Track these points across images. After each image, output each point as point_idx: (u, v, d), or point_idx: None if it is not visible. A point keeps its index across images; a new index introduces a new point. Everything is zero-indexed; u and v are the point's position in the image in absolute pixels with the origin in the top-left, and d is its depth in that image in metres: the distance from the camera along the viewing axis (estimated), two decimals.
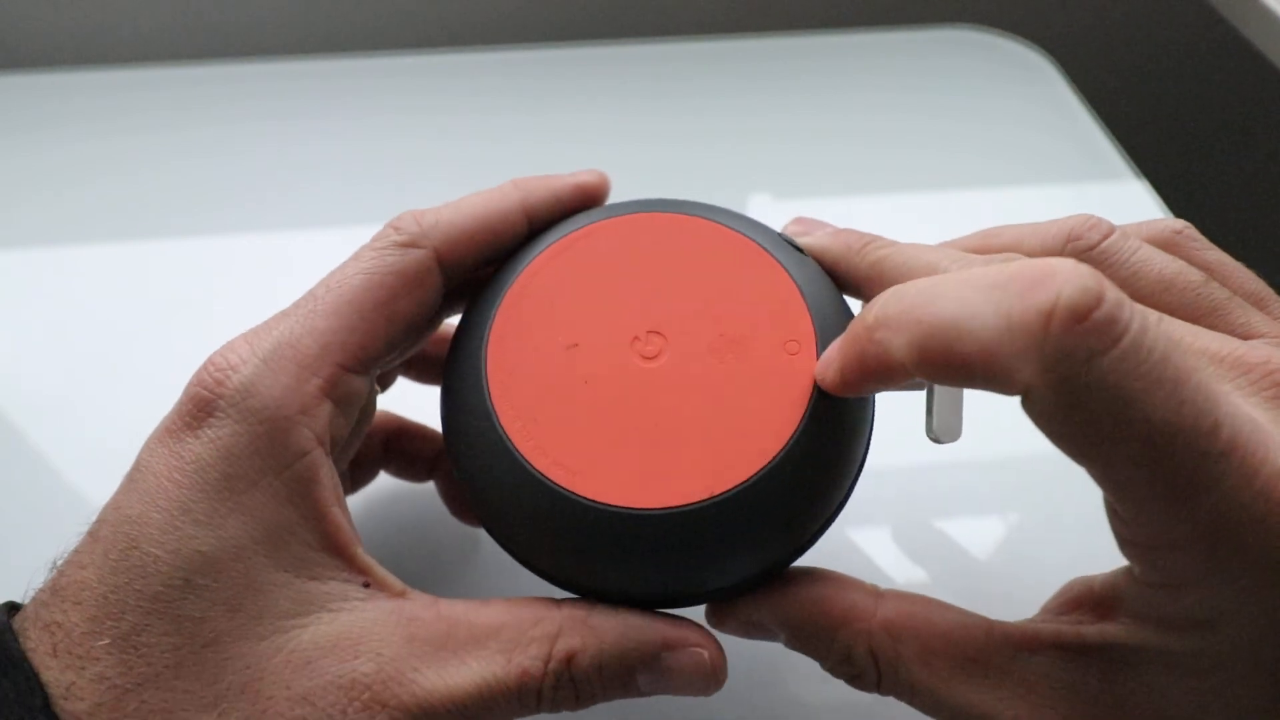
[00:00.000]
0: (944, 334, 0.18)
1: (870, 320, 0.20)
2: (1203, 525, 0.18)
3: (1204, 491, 0.18)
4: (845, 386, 0.22)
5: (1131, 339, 0.17)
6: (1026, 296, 0.17)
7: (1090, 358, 0.17)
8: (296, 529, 0.22)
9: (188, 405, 0.22)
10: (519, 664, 0.21)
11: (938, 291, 0.19)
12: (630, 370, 0.23)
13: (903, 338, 0.19)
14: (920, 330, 0.19)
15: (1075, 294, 0.17)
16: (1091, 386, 0.17)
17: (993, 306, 0.18)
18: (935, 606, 0.22)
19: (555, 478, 0.22)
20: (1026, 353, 0.17)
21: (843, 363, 0.21)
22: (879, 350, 0.20)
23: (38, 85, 0.55)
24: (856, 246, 0.25)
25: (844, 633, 0.22)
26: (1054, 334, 0.17)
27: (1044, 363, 0.17)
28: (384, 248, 0.24)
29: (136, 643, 0.20)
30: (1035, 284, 0.17)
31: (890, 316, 0.20)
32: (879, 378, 0.21)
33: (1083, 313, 0.17)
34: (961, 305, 0.18)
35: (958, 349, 0.18)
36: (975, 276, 0.18)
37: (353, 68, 0.57)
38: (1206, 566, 0.18)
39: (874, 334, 0.20)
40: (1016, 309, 0.17)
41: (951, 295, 0.18)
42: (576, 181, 0.26)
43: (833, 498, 0.23)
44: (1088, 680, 0.21)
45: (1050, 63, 0.58)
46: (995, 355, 0.18)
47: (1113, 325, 0.17)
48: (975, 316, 0.18)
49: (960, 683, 0.21)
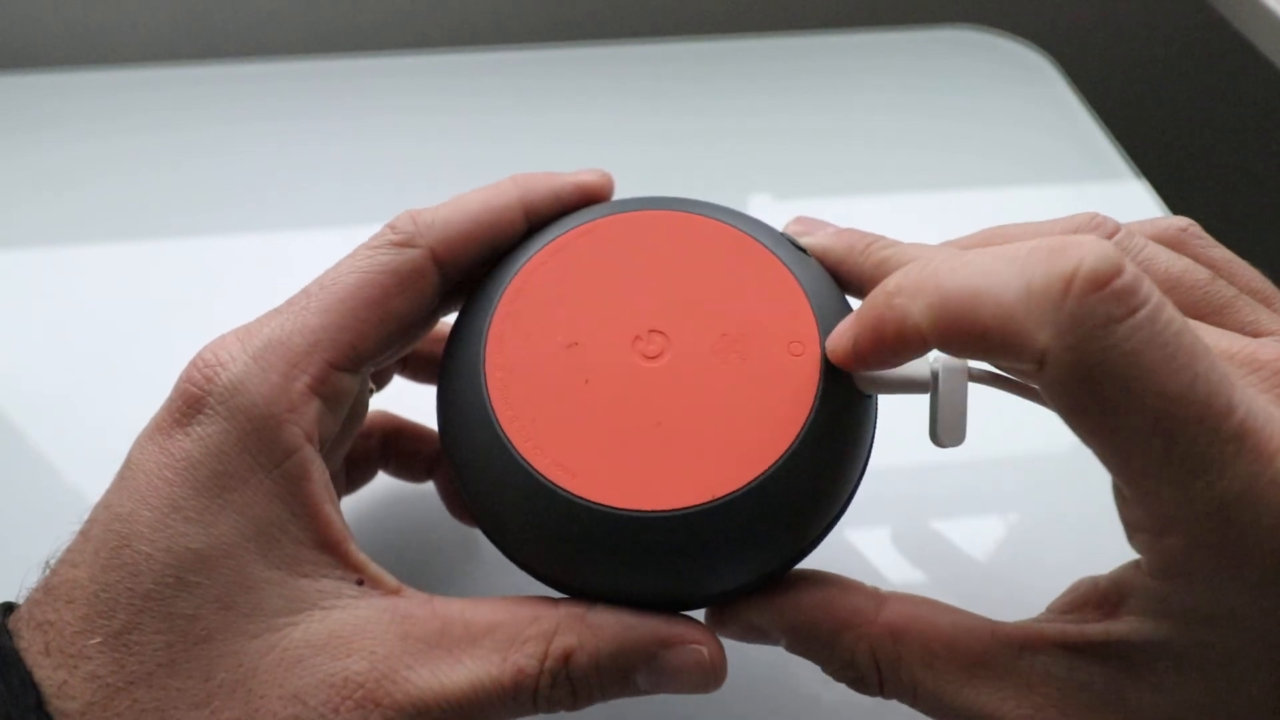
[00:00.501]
0: (964, 299, 0.19)
1: (890, 287, 0.20)
2: (1211, 507, 0.18)
3: (1214, 472, 0.18)
4: (858, 358, 0.22)
5: (1149, 310, 0.17)
6: (1048, 262, 0.18)
7: (1108, 324, 0.17)
8: (288, 526, 0.21)
9: (177, 402, 0.22)
10: (515, 663, 0.21)
11: (961, 261, 0.19)
12: (632, 370, 0.23)
13: (921, 302, 0.19)
14: (940, 296, 0.19)
15: (1096, 262, 0.17)
16: (1107, 353, 0.17)
17: (1014, 272, 0.18)
18: (937, 608, 0.22)
19: (554, 478, 0.22)
20: (1045, 317, 0.18)
21: (858, 331, 0.21)
22: (897, 316, 0.20)
23: (38, 85, 0.55)
24: (860, 247, 0.25)
25: (846, 636, 0.22)
26: (1073, 298, 0.17)
27: (1061, 326, 0.17)
28: (379, 246, 0.24)
29: (128, 641, 0.20)
30: (1057, 252, 0.18)
31: (911, 283, 0.20)
32: (894, 348, 0.21)
33: (1103, 280, 0.17)
34: (983, 273, 0.19)
35: (977, 314, 0.18)
36: (998, 250, 0.19)
37: (353, 68, 0.57)
38: (1213, 554, 0.18)
39: (893, 300, 0.20)
40: (1038, 274, 0.18)
41: (974, 265, 0.19)
42: (578, 181, 0.26)
43: (835, 501, 0.23)
44: (1092, 679, 0.21)
45: (1050, 63, 0.58)
46: (1014, 320, 0.18)
47: (1132, 295, 0.17)
48: (996, 283, 0.18)
49: (963, 684, 0.21)
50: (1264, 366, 0.20)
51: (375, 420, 0.31)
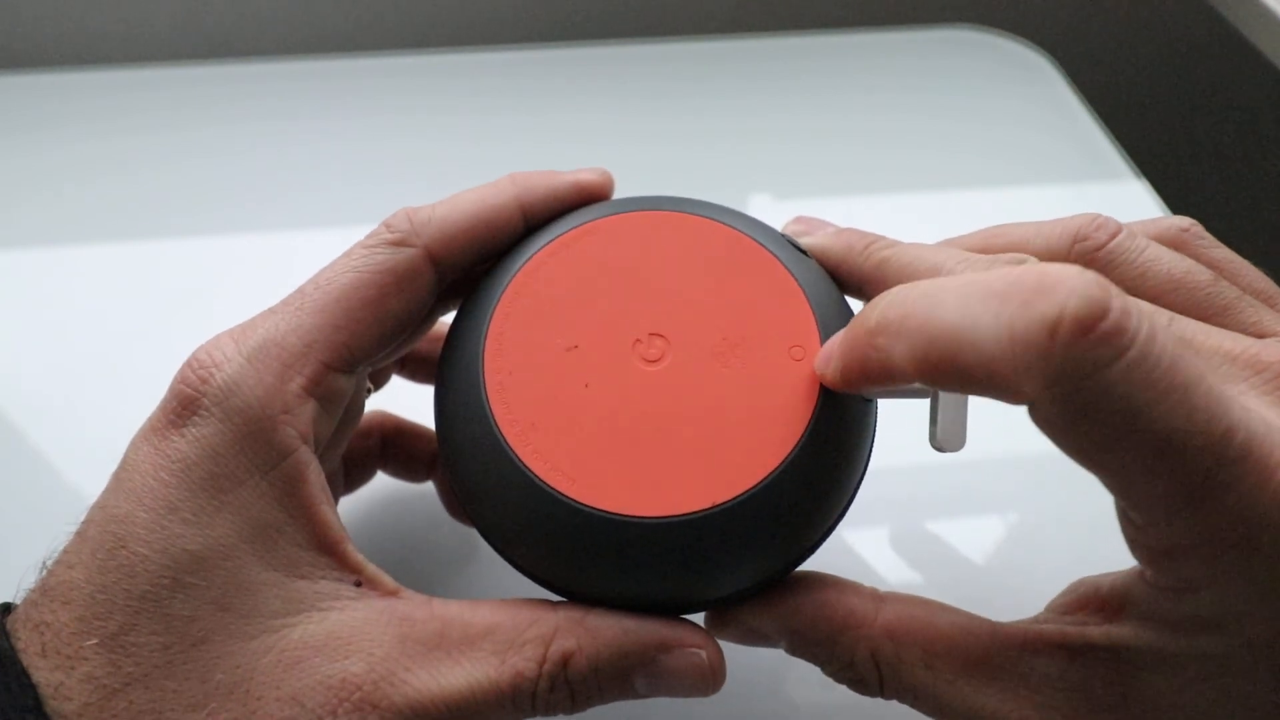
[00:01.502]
0: (946, 345, 0.18)
1: (871, 325, 0.20)
2: (1217, 529, 0.18)
3: (1217, 496, 0.17)
4: (845, 386, 0.22)
5: (1139, 348, 0.17)
6: (1030, 307, 0.17)
7: (1096, 370, 0.17)
8: (285, 528, 0.21)
9: (172, 403, 0.22)
10: (513, 665, 0.21)
11: (939, 299, 0.18)
12: (632, 374, 0.23)
13: (903, 345, 0.19)
14: (921, 339, 0.18)
15: (1080, 305, 0.16)
16: (1099, 398, 0.17)
17: (994, 317, 0.17)
18: (937, 609, 0.22)
19: (554, 483, 0.22)
20: (1031, 366, 0.17)
21: (844, 365, 0.21)
22: (880, 357, 0.20)
23: (38, 85, 0.55)
24: (859, 247, 0.24)
25: (845, 638, 0.22)
26: (1059, 347, 0.17)
27: (1049, 377, 0.17)
28: (375, 245, 0.24)
29: (125, 642, 0.20)
30: (1039, 294, 0.17)
31: (891, 322, 0.19)
32: (880, 382, 0.20)
33: (1088, 324, 0.16)
34: (963, 315, 0.18)
35: (960, 361, 0.18)
36: (977, 283, 0.18)
37: (353, 68, 0.57)
38: (1220, 569, 0.18)
39: (875, 340, 0.20)
40: (1020, 321, 0.17)
41: (952, 304, 0.18)
42: (577, 180, 0.26)
43: (836, 506, 0.23)
44: (1092, 682, 0.21)
45: (1050, 63, 0.58)
46: (999, 368, 0.17)
47: (1120, 335, 0.16)
48: (977, 327, 0.17)
49: (963, 685, 0.21)
50: (1267, 368, 0.20)
51: (374, 420, 0.31)
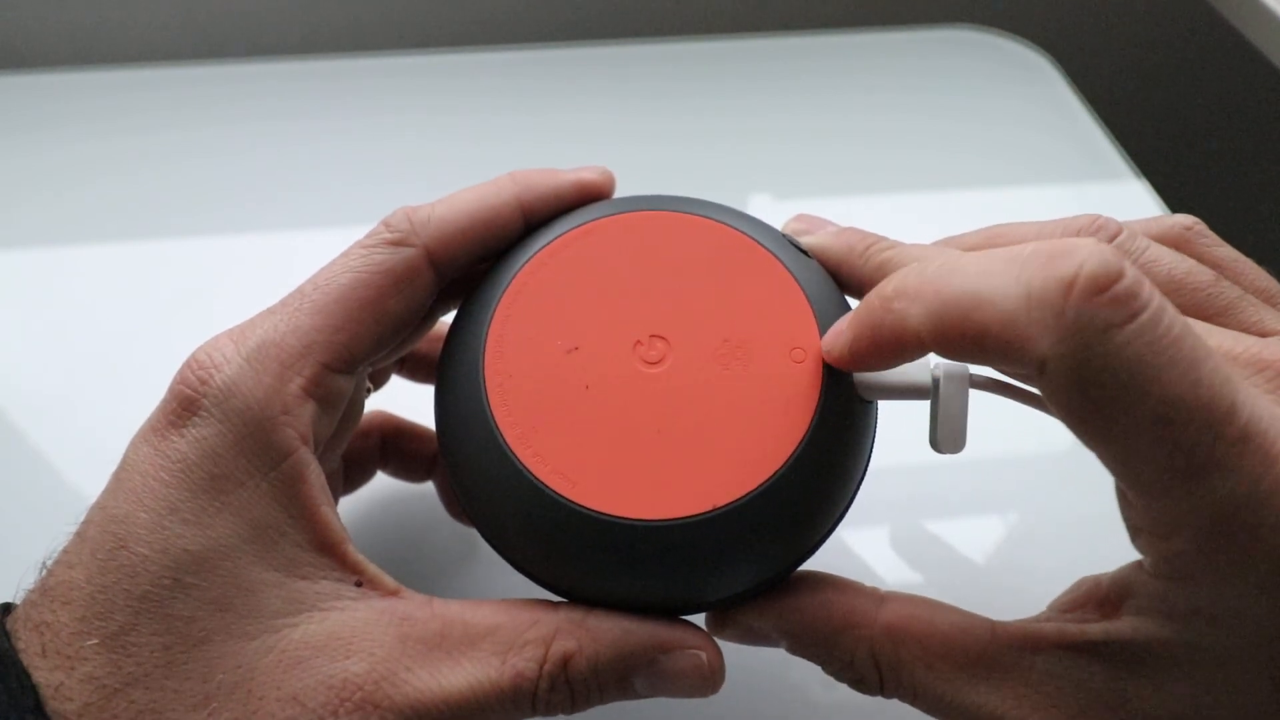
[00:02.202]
0: (963, 304, 0.18)
1: (889, 291, 0.20)
2: (1214, 509, 0.18)
3: (1216, 474, 0.18)
4: (854, 358, 0.22)
5: (1150, 314, 0.17)
6: (1048, 267, 0.18)
7: (1108, 329, 0.17)
8: (285, 529, 0.21)
9: (171, 403, 0.22)
10: (513, 666, 0.21)
11: (959, 265, 0.19)
12: (633, 376, 0.23)
13: (920, 307, 0.19)
14: (939, 300, 0.19)
15: (1096, 267, 0.17)
16: (1108, 358, 0.17)
17: (1013, 277, 0.18)
18: (937, 608, 0.22)
19: (555, 486, 0.22)
20: (1045, 322, 0.17)
21: (855, 333, 0.21)
22: (895, 320, 0.20)
23: (38, 85, 0.55)
24: (860, 248, 0.24)
25: (845, 638, 0.22)
26: (1073, 304, 0.17)
27: (1062, 332, 0.17)
28: (374, 245, 0.23)
29: (125, 642, 0.20)
30: (1057, 256, 0.18)
31: (909, 286, 0.20)
32: (892, 351, 0.21)
33: (1103, 284, 0.17)
34: (982, 277, 0.18)
35: (976, 318, 0.18)
36: (997, 253, 0.19)
37: (353, 68, 0.57)
38: (1217, 556, 0.18)
39: (891, 304, 0.20)
40: (1037, 279, 0.18)
41: (972, 269, 0.19)
42: (578, 179, 0.26)
43: (836, 508, 0.23)
44: (1093, 678, 0.21)
45: (1050, 63, 0.58)
46: (1013, 325, 0.18)
47: (1132, 299, 0.17)
48: (996, 287, 0.18)
49: (964, 684, 0.21)
50: (1268, 367, 0.20)
51: (374, 420, 0.31)
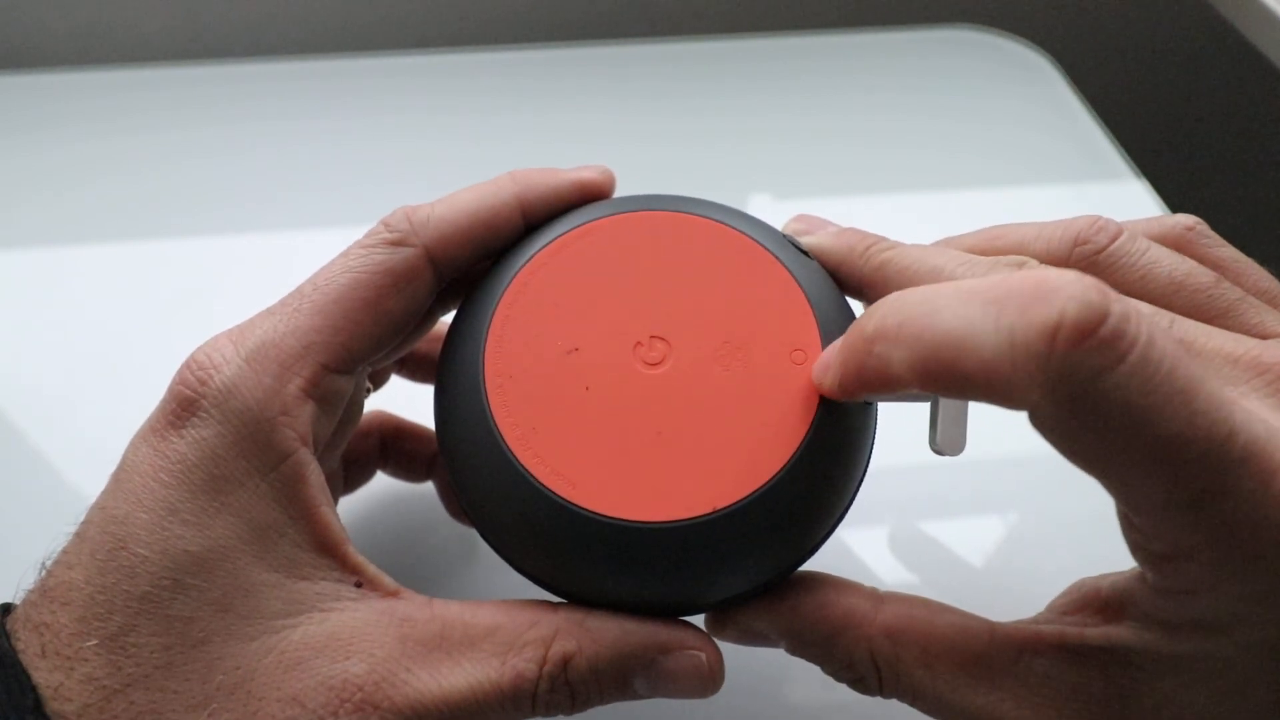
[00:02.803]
0: (945, 351, 0.18)
1: (869, 332, 0.20)
2: (1218, 533, 0.18)
3: (1219, 501, 0.17)
4: (844, 394, 0.21)
5: (1139, 353, 0.17)
6: (1029, 313, 0.17)
7: (1096, 375, 0.17)
8: (285, 530, 0.21)
9: (171, 404, 0.22)
10: (513, 666, 0.21)
11: (936, 305, 0.18)
12: (633, 377, 0.23)
13: (902, 353, 0.19)
14: (920, 346, 0.18)
15: (1079, 311, 0.16)
16: (1099, 403, 0.17)
17: (993, 323, 0.17)
18: (936, 609, 0.22)
19: (555, 488, 0.22)
20: (1031, 373, 0.17)
21: (842, 373, 0.21)
22: (878, 364, 0.19)
23: (38, 85, 0.55)
24: (860, 249, 0.24)
25: (844, 639, 0.22)
26: (1059, 353, 0.16)
27: (1049, 383, 0.17)
28: (373, 245, 0.23)
29: (125, 643, 0.20)
30: (1038, 299, 0.17)
31: (889, 329, 0.19)
32: (879, 389, 0.20)
33: (1087, 329, 0.16)
34: (962, 321, 0.18)
35: (960, 368, 0.18)
36: (976, 289, 0.18)
37: (353, 68, 0.57)
38: (1222, 573, 0.18)
39: (873, 347, 0.19)
40: (1019, 326, 0.17)
41: (951, 310, 0.18)
42: (578, 178, 0.26)
43: (836, 510, 0.23)
44: (1091, 682, 0.21)
45: (1050, 63, 0.58)
46: (998, 373, 0.17)
47: (1119, 340, 0.16)
48: (976, 334, 0.17)
49: (962, 685, 0.21)
50: (1268, 370, 0.20)
51: (374, 420, 0.31)
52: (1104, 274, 0.22)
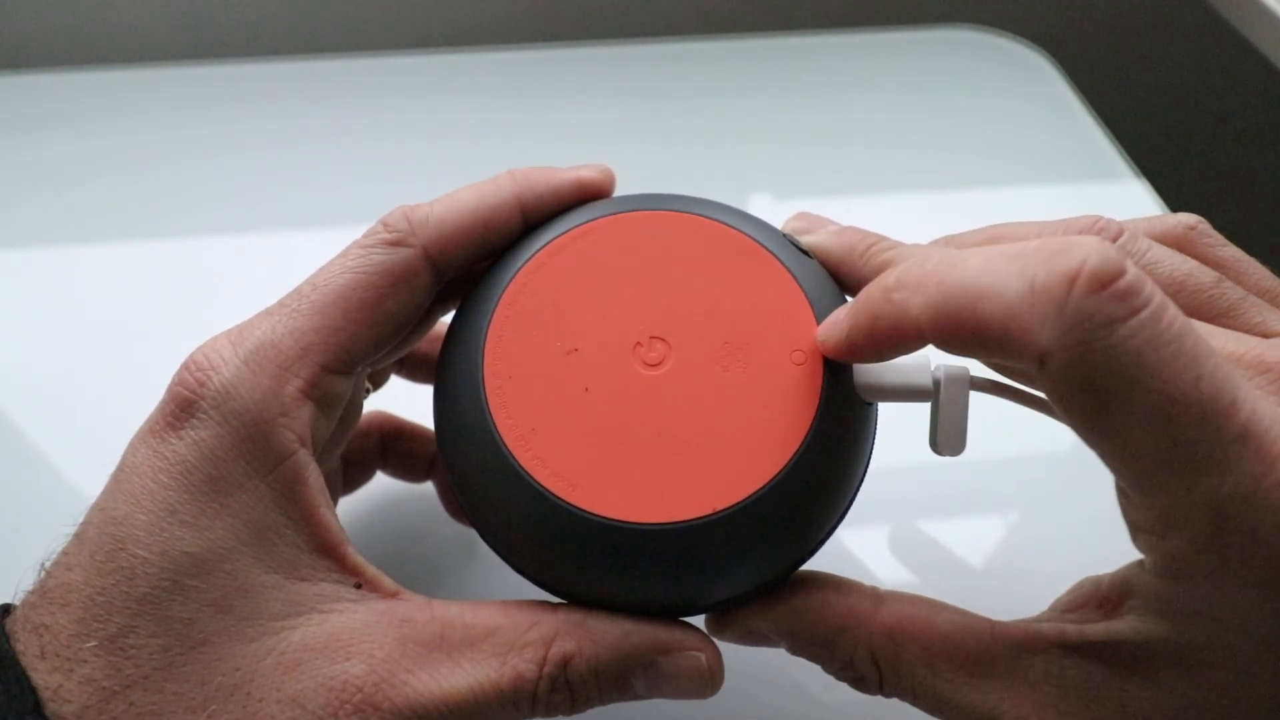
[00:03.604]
0: (965, 296, 0.19)
1: (890, 282, 0.20)
2: (1213, 507, 0.18)
3: (1217, 473, 0.18)
4: (850, 349, 0.22)
5: (1152, 310, 0.17)
6: (1051, 262, 0.18)
7: (1111, 323, 0.17)
8: (285, 531, 0.21)
9: (170, 405, 0.22)
10: (513, 667, 0.21)
11: (962, 259, 0.19)
12: (632, 378, 0.23)
13: (921, 298, 0.19)
14: (941, 292, 0.19)
15: (1099, 263, 0.17)
16: (1110, 352, 0.17)
17: (1016, 271, 0.18)
18: (936, 608, 0.22)
19: (554, 489, 0.22)
20: (1047, 315, 0.18)
21: (853, 322, 0.21)
22: (895, 310, 0.20)
23: (38, 85, 0.55)
24: (860, 249, 0.24)
25: (844, 639, 0.22)
26: (1076, 297, 0.17)
27: (1064, 324, 0.17)
28: (372, 245, 0.23)
29: (124, 645, 0.20)
30: (1060, 252, 0.18)
31: (911, 278, 0.20)
32: (890, 342, 0.21)
33: (1106, 280, 0.17)
34: (985, 271, 0.19)
35: (978, 311, 0.18)
36: (1000, 249, 0.19)
37: (353, 68, 0.57)
38: (1216, 555, 0.18)
39: (892, 294, 0.20)
40: (1041, 273, 0.18)
41: (975, 263, 0.19)
42: (578, 177, 0.26)
43: (835, 511, 0.23)
44: (1092, 678, 0.21)
45: (1050, 63, 0.58)
46: (1015, 318, 0.18)
47: (1134, 294, 0.17)
48: (998, 281, 0.18)
49: (963, 684, 0.21)
50: (1271, 369, 0.20)
51: (374, 420, 0.31)
52: None
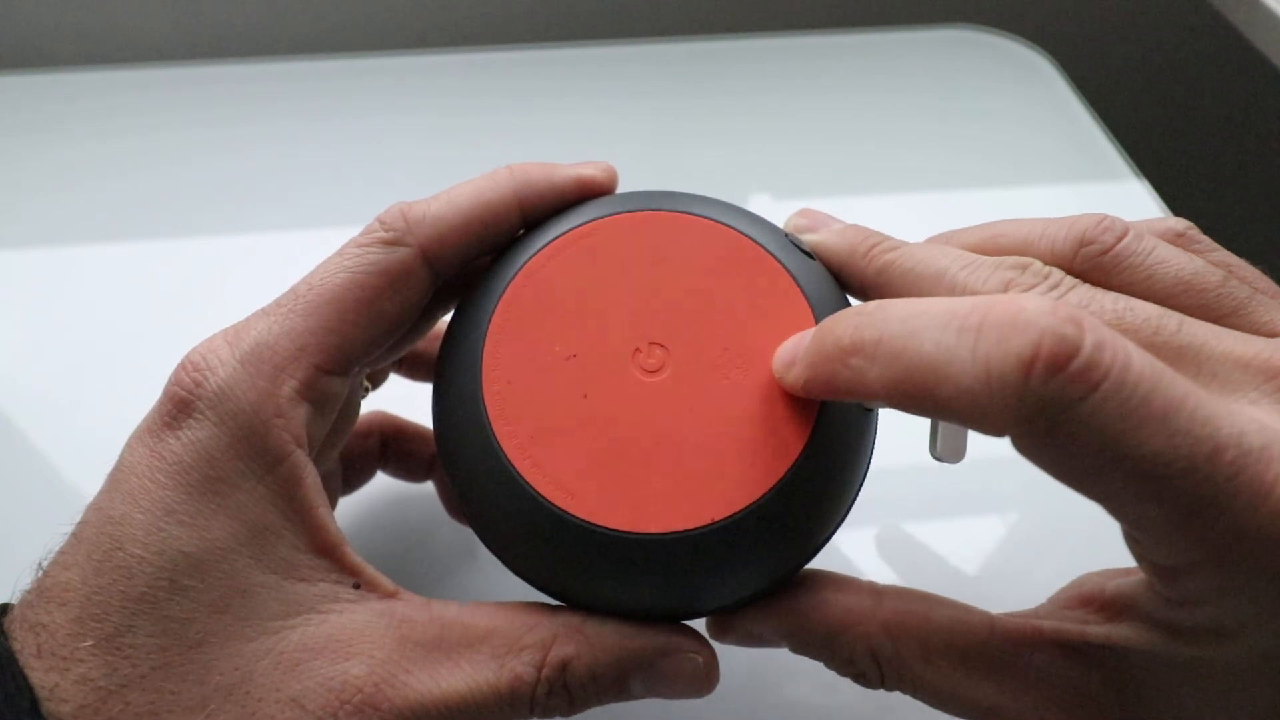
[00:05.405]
0: (922, 376, 0.18)
1: (846, 343, 0.20)
2: (1217, 548, 0.18)
3: (1213, 515, 0.17)
4: (806, 394, 0.21)
5: (1112, 382, 0.17)
6: (1005, 343, 0.17)
7: (1071, 405, 0.17)
8: (283, 531, 0.21)
9: (167, 405, 0.22)
10: (511, 669, 0.21)
11: (917, 326, 0.18)
12: (631, 385, 0.22)
13: (878, 370, 0.19)
14: (898, 367, 0.18)
15: (1054, 343, 0.17)
16: (1076, 431, 0.17)
17: (969, 352, 0.17)
18: (935, 603, 0.22)
19: (552, 498, 0.22)
20: (1006, 404, 0.17)
21: (810, 375, 0.21)
22: (853, 377, 0.19)
23: (38, 85, 0.55)
24: (862, 250, 0.24)
25: (844, 638, 0.22)
26: (1033, 385, 0.17)
27: (1025, 413, 0.17)
28: (368, 244, 0.23)
29: (121, 644, 0.20)
30: (1015, 330, 0.17)
31: (866, 344, 0.19)
32: (846, 398, 0.20)
33: (1061, 362, 0.17)
34: (940, 348, 0.18)
35: (937, 393, 0.18)
36: (956, 311, 0.18)
37: (353, 68, 0.57)
38: (1224, 585, 0.18)
39: (848, 359, 0.20)
40: (995, 357, 0.17)
41: (930, 334, 0.18)
42: (578, 174, 0.25)
43: (835, 518, 0.23)
44: (1090, 679, 0.21)
45: (1050, 63, 0.58)
46: (975, 403, 0.17)
47: (1092, 371, 0.17)
48: (953, 361, 0.18)
49: (962, 679, 0.21)
50: (1279, 374, 0.20)
51: (374, 420, 0.31)
52: (1109, 275, 0.22)
